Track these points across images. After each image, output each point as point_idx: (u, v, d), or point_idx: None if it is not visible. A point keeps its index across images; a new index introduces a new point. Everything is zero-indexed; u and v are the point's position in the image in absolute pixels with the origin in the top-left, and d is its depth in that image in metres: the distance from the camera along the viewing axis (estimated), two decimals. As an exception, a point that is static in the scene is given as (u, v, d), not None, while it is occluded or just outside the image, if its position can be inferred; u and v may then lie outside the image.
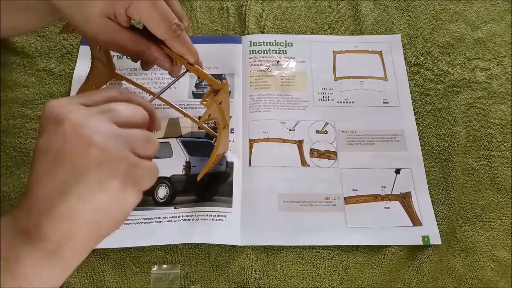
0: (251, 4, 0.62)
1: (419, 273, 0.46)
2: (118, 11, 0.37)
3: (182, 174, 0.50)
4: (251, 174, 0.51)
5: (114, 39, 0.39)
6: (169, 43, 0.40)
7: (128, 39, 0.39)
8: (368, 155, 0.52)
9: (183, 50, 0.41)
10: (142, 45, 0.40)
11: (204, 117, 0.42)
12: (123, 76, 0.55)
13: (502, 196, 0.51)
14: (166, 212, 0.48)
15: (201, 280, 0.45)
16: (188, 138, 0.52)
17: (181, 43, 0.40)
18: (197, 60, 0.42)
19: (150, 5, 0.37)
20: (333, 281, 0.46)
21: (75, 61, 0.57)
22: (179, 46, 0.40)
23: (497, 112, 0.55)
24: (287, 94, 0.56)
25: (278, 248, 0.47)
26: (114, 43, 0.39)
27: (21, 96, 0.54)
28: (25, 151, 0.51)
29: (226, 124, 0.46)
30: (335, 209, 0.49)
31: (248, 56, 0.59)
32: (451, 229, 0.49)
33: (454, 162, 0.52)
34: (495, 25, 0.62)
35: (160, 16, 0.38)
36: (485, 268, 0.47)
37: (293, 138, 0.53)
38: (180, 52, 0.41)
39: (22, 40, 0.57)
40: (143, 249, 0.46)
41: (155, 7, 0.37)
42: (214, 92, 0.41)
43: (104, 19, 0.37)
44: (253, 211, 0.48)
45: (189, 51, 0.41)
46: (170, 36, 0.39)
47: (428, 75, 0.58)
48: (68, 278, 0.44)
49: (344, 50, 0.60)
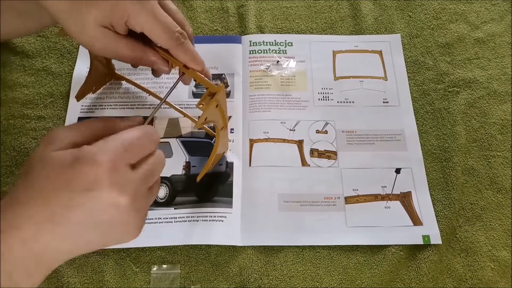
0: (251, 4, 0.62)
1: (419, 273, 0.46)
2: (116, 22, 0.36)
3: (182, 174, 0.50)
4: (251, 174, 0.51)
5: (110, 47, 0.38)
6: (172, 52, 0.39)
7: (125, 47, 0.38)
8: (368, 155, 0.52)
9: (186, 59, 0.40)
10: (138, 51, 0.39)
11: (201, 120, 0.41)
12: (123, 76, 0.55)
13: (502, 196, 0.51)
14: (166, 212, 0.48)
15: (201, 280, 0.45)
16: (188, 138, 0.52)
17: (184, 52, 0.39)
18: (203, 69, 0.41)
19: (150, 16, 0.36)
20: (333, 281, 0.46)
21: (75, 61, 0.57)
22: (183, 55, 0.39)
23: (497, 112, 0.56)
24: (287, 94, 0.56)
25: (278, 248, 0.47)
26: (110, 51, 0.38)
27: (21, 96, 0.54)
28: (25, 151, 0.51)
29: (224, 126, 0.46)
30: (335, 209, 0.49)
31: (248, 56, 0.58)
32: (451, 229, 0.49)
33: (454, 162, 0.52)
34: (495, 25, 0.62)
35: (162, 26, 0.37)
36: (485, 268, 0.47)
37: (293, 138, 0.53)
38: (184, 60, 0.40)
39: (22, 40, 0.57)
40: (143, 249, 0.46)
41: (155, 17, 0.36)
42: (210, 96, 0.41)
43: (101, 28, 0.36)
44: (253, 211, 0.48)
45: (193, 59, 0.40)
46: (173, 45, 0.38)
47: (428, 75, 0.58)
48: (68, 278, 0.44)
49: (344, 50, 0.60)
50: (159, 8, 0.37)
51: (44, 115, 0.53)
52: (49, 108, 0.54)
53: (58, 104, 0.54)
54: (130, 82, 0.55)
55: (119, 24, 0.36)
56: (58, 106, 0.54)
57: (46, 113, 0.53)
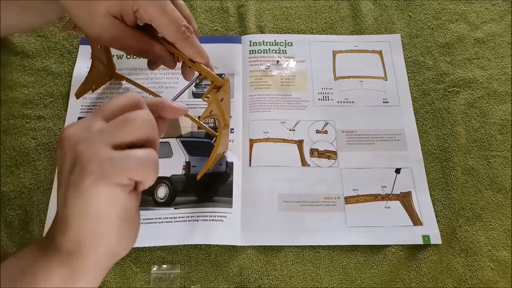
0: (251, 4, 0.62)
1: (419, 273, 0.46)
2: (126, 12, 0.37)
3: (182, 174, 0.50)
4: (251, 174, 0.51)
5: (118, 38, 0.39)
6: (178, 46, 0.40)
7: (133, 38, 0.39)
8: (368, 154, 0.52)
9: (192, 53, 0.40)
10: (145, 43, 0.40)
11: (206, 114, 0.42)
12: (123, 76, 0.55)
13: (502, 196, 0.51)
14: (166, 212, 0.48)
15: (201, 280, 0.45)
16: (188, 138, 0.52)
17: (190, 46, 0.40)
18: (207, 62, 0.42)
19: (159, 7, 0.37)
20: (333, 281, 0.45)
21: (75, 61, 0.57)
22: (189, 49, 0.40)
23: (497, 112, 0.55)
24: (287, 94, 0.56)
25: (278, 248, 0.47)
26: (118, 42, 0.39)
27: (21, 96, 0.54)
28: (25, 151, 0.51)
29: (226, 123, 0.46)
30: (335, 209, 0.49)
31: (248, 56, 0.58)
32: (451, 229, 0.49)
33: (454, 162, 0.52)
34: (495, 25, 0.62)
35: (169, 18, 0.38)
36: (485, 268, 0.47)
37: (293, 138, 0.53)
38: (189, 54, 0.40)
39: (22, 40, 0.57)
40: (143, 249, 0.46)
41: (164, 9, 0.37)
42: (215, 89, 0.41)
43: (110, 18, 0.37)
44: (253, 211, 0.48)
45: (199, 53, 0.41)
46: (179, 38, 0.39)
47: (428, 75, 0.58)
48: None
49: (344, 50, 0.60)
50: (169, 2, 0.38)
51: (44, 115, 0.53)
52: (49, 108, 0.54)
53: (58, 104, 0.54)
54: (130, 82, 0.55)
55: (128, 15, 0.37)
56: (58, 106, 0.54)
57: (46, 113, 0.53)
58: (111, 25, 0.38)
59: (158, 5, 0.37)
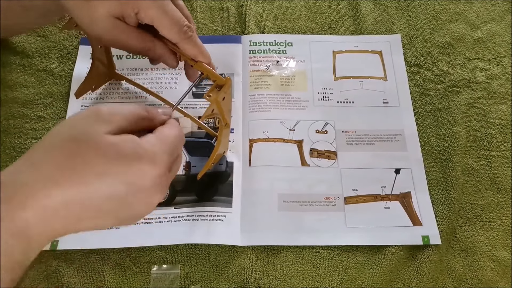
0: (251, 4, 0.62)
1: (419, 273, 0.46)
2: (127, 13, 0.37)
3: (182, 174, 0.50)
4: (251, 174, 0.51)
5: (120, 38, 0.39)
6: (180, 46, 0.40)
7: (134, 38, 0.39)
8: (368, 155, 0.52)
9: (195, 52, 0.41)
10: (147, 42, 0.40)
11: (207, 112, 0.42)
12: (123, 76, 0.55)
13: (502, 196, 0.51)
14: (166, 212, 0.48)
15: (201, 280, 0.45)
16: (188, 138, 0.52)
17: (192, 45, 0.40)
18: (209, 61, 0.42)
19: (160, 8, 0.37)
20: (333, 281, 0.46)
21: (75, 61, 0.57)
22: (191, 48, 0.40)
23: (497, 112, 0.55)
24: (287, 94, 0.56)
25: (278, 248, 0.47)
26: (120, 42, 0.39)
27: (21, 96, 0.54)
28: (25, 151, 0.51)
29: (227, 123, 0.46)
30: (335, 209, 0.49)
31: (248, 56, 0.58)
32: (451, 229, 0.49)
33: (454, 162, 0.52)
34: (495, 25, 0.62)
35: (171, 19, 0.38)
36: (485, 268, 0.47)
37: (293, 138, 0.53)
38: (192, 54, 0.41)
39: (22, 40, 0.57)
40: (143, 249, 0.46)
41: (165, 10, 0.37)
42: (217, 87, 0.42)
43: (112, 18, 0.37)
44: (253, 211, 0.48)
45: (201, 52, 0.41)
46: (182, 38, 0.39)
47: (428, 75, 0.58)
48: (68, 278, 0.44)
49: (344, 50, 0.60)
50: (169, 2, 0.38)
51: (44, 115, 0.53)
52: (49, 108, 0.54)
53: (58, 104, 0.54)
54: (130, 82, 0.55)
55: (130, 16, 0.37)
56: (58, 106, 0.54)
57: (46, 113, 0.53)
58: (113, 25, 0.38)
59: (158, 6, 0.37)
